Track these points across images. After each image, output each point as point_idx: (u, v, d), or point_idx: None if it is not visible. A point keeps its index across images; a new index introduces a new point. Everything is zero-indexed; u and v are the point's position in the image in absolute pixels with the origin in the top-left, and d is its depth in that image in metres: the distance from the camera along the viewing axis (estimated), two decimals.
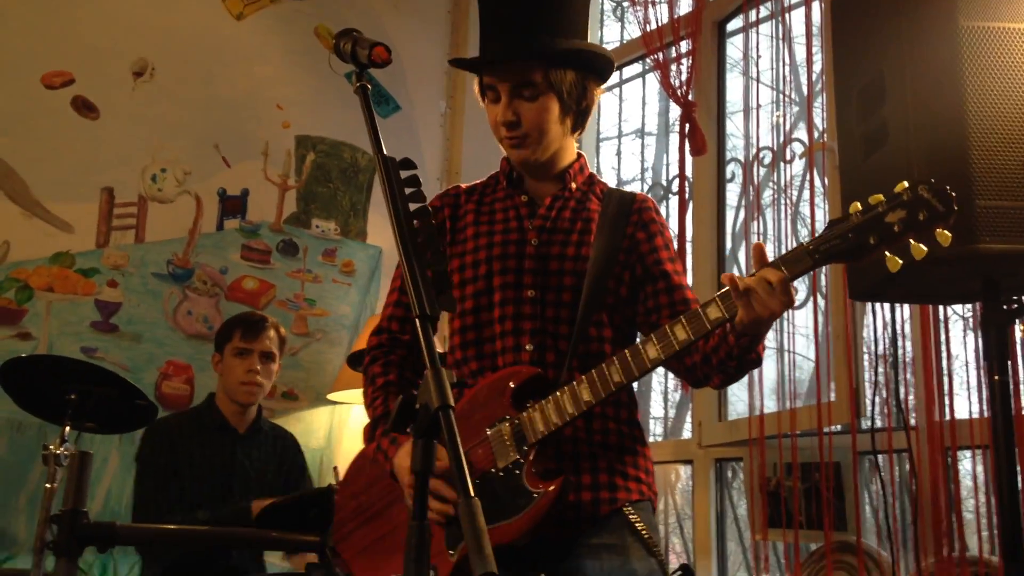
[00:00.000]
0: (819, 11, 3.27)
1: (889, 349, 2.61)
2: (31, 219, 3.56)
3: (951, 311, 2.65)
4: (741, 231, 3.93)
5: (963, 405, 2.58)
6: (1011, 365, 1.89)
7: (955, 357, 2.59)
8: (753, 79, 3.61)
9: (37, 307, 3.49)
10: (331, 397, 3.93)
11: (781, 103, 3.54)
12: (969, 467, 2.56)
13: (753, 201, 3.48)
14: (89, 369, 2.72)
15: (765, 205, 3.46)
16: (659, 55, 3.70)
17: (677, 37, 3.70)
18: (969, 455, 2.54)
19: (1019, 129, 1.80)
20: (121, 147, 3.77)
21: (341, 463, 3.93)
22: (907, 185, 1.48)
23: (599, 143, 4.59)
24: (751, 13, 3.60)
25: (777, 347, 3.26)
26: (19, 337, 3.44)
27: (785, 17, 3.47)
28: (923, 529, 2.56)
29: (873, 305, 2.80)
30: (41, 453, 2.48)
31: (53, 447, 2.47)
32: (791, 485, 2.97)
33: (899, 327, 2.65)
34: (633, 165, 6.05)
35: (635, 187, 4.79)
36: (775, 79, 3.56)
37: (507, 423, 1.68)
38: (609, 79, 1.91)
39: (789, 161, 3.31)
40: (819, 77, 3.42)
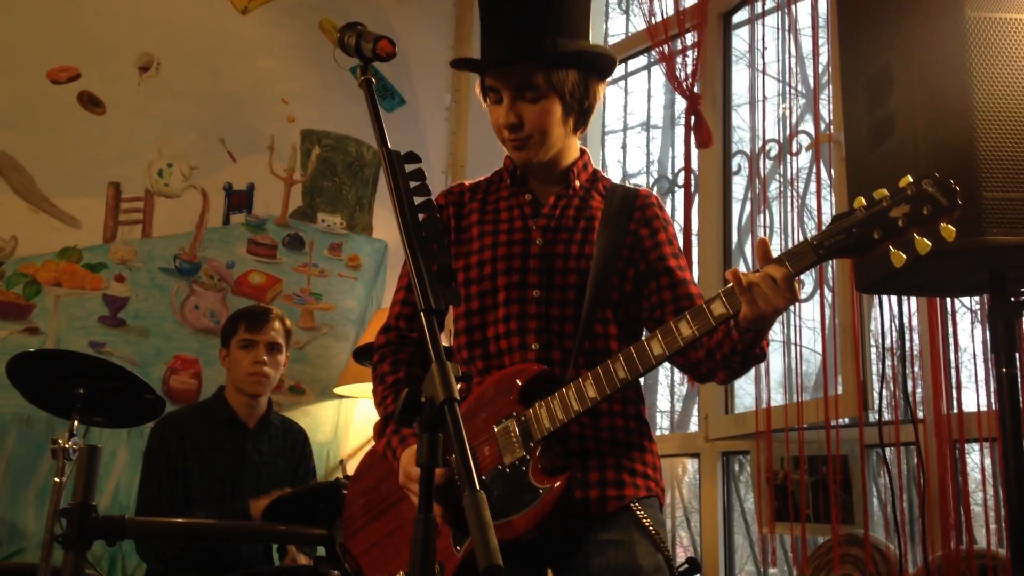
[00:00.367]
0: (825, 2, 3.26)
1: (896, 342, 2.60)
2: (38, 214, 3.57)
3: (959, 303, 2.63)
4: (747, 224, 3.91)
5: (971, 398, 2.57)
6: (1019, 357, 1.87)
7: (963, 350, 2.59)
8: (759, 71, 3.60)
9: (45, 302, 3.51)
10: (337, 391, 3.94)
11: (787, 95, 3.53)
12: (977, 460, 2.56)
13: (759, 194, 3.46)
14: (97, 363, 2.73)
15: (771, 198, 3.44)
16: (664, 47, 3.69)
17: (682, 29, 3.69)
18: (977, 448, 2.54)
19: None
20: (127, 142, 3.78)
21: (347, 457, 3.96)
22: (911, 179, 1.47)
23: (604, 136, 4.57)
24: (757, 5, 3.59)
25: (784, 340, 3.25)
26: (27, 332, 3.45)
27: (791, 8, 3.45)
28: (931, 522, 2.55)
29: (880, 298, 2.79)
30: (50, 447, 2.50)
31: (62, 441, 2.49)
32: (798, 478, 2.96)
33: (906, 320, 2.64)
34: (638, 158, 6.04)
35: (640, 180, 4.79)
36: (781, 71, 3.55)
37: (514, 420, 1.68)
38: (612, 75, 1.90)
39: (795, 153, 3.30)
40: (825, 69, 3.40)
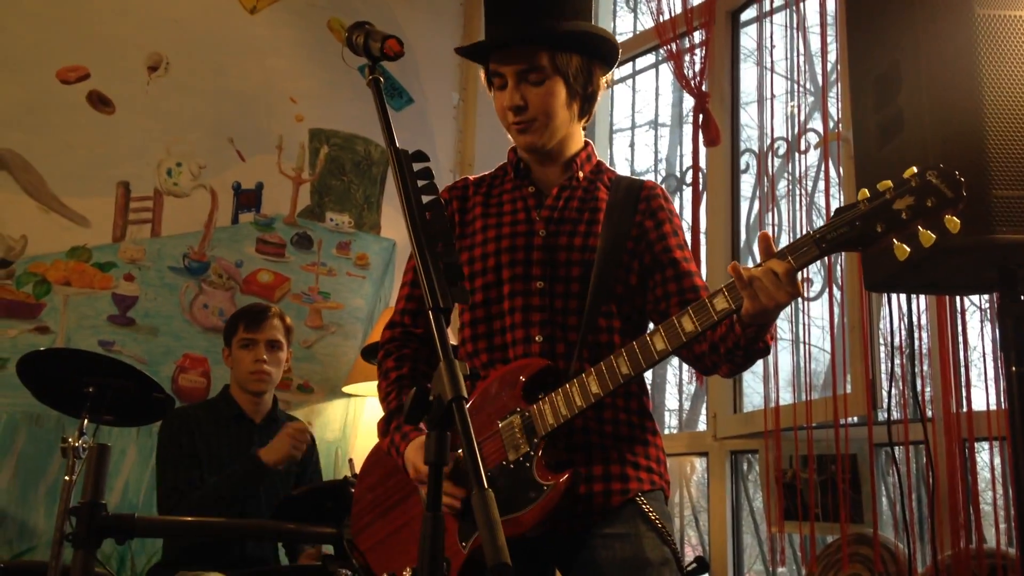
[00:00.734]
0: (833, 0, 3.25)
1: (906, 340, 2.59)
2: (48, 213, 3.58)
3: (968, 302, 2.62)
4: (756, 222, 3.90)
5: (980, 396, 2.56)
6: None
7: (972, 348, 2.58)
8: (767, 69, 3.59)
9: (55, 301, 3.53)
10: (346, 390, 3.95)
11: (796, 93, 3.52)
12: (987, 459, 2.55)
13: (768, 192, 3.46)
14: (107, 362, 2.74)
15: (780, 196, 3.43)
16: (672, 45, 3.68)
17: (690, 27, 3.68)
18: (987, 447, 2.52)
19: None
20: (136, 141, 3.79)
21: (356, 455, 3.97)
22: (915, 171, 1.45)
23: (612, 135, 4.57)
24: (765, 2, 3.58)
25: (793, 339, 3.24)
26: (37, 331, 3.47)
27: (799, 6, 3.45)
28: (940, 521, 2.54)
29: (889, 296, 2.79)
30: (60, 446, 2.51)
31: (71, 440, 2.50)
32: (807, 477, 2.95)
33: (916, 318, 2.63)
34: (647, 157, 6.02)
35: (649, 178, 4.77)
36: (789, 69, 3.54)
37: (517, 416, 1.68)
38: (615, 66, 1.91)
39: (804, 151, 3.29)
40: (834, 66, 3.39)
